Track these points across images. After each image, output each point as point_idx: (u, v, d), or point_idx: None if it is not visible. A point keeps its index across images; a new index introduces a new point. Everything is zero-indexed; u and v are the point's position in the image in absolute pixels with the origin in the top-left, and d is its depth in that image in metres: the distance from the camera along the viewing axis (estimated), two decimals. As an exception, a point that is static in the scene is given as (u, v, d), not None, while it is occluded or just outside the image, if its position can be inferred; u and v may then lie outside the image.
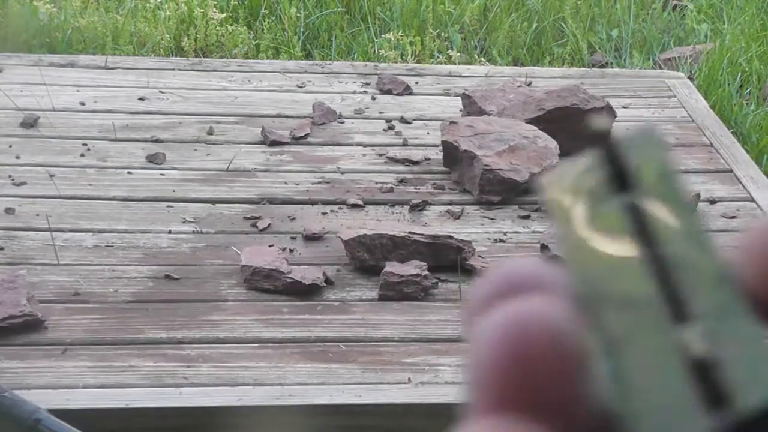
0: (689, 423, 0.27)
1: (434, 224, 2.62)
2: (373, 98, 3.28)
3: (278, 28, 4.49)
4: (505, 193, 2.74)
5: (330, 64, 3.59)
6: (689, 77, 3.81)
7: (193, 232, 2.53)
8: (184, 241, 2.50)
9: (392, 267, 2.34)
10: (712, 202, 2.81)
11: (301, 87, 3.34)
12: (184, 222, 2.57)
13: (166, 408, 1.97)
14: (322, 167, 2.87)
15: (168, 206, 2.64)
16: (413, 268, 2.34)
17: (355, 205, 2.69)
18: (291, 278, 2.32)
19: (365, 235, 2.40)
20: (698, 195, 2.77)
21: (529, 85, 3.37)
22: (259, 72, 3.43)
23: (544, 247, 2.43)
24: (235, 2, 4.62)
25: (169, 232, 2.53)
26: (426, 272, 2.34)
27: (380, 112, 3.19)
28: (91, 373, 2.04)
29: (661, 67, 4.25)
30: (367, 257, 2.40)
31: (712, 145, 3.12)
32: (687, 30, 4.78)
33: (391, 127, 3.11)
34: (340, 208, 2.68)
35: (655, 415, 0.27)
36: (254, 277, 2.33)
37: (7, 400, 1.79)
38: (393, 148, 2.99)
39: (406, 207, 2.70)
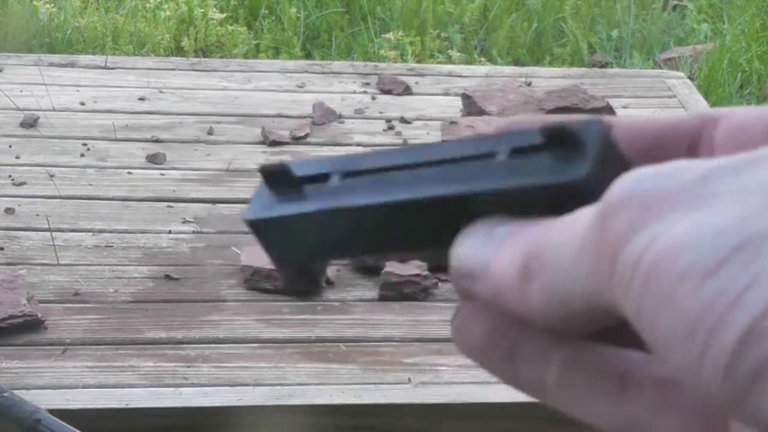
0: None
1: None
2: (373, 98, 3.28)
3: (278, 28, 4.49)
4: (505, 193, 2.73)
5: (330, 64, 3.59)
6: (689, 77, 3.81)
7: (193, 232, 2.53)
8: (184, 241, 2.50)
9: (392, 267, 2.34)
10: (712, 202, 2.80)
11: (301, 87, 3.34)
12: (184, 222, 2.57)
13: (166, 408, 1.97)
14: (322, 167, 2.87)
15: (168, 206, 2.64)
16: (413, 268, 2.34)
17: (355, 205, 2.69)
18: (291, 278, 2.31)
19: (365, 235, 2.40)
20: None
21: (529, 85, 3.37)
22: (259, 72, 3.43)
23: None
24: (235, 2, 4.62)
25: (169, 232, 2.53)
26: (426, 272, 2.34)
27: (380, 112, 3.19)
28: (91, 373, 2.04)
29: (661, 67, 4.25)
30: (367, 257, 2.40)
31: (712, 145, 3.12)
32: (687, 30, 4.78)
33: (391, 127, 3.11)
34: (340, 208, 2.67)
35: None
36: (254, 277, 2.33)
37: (7, 400, 1.79)
38: (393, 147, 2.98)
39: (406, 207, 2.70)
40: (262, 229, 0.41)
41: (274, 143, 2.97)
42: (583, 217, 0.32)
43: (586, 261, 0.31)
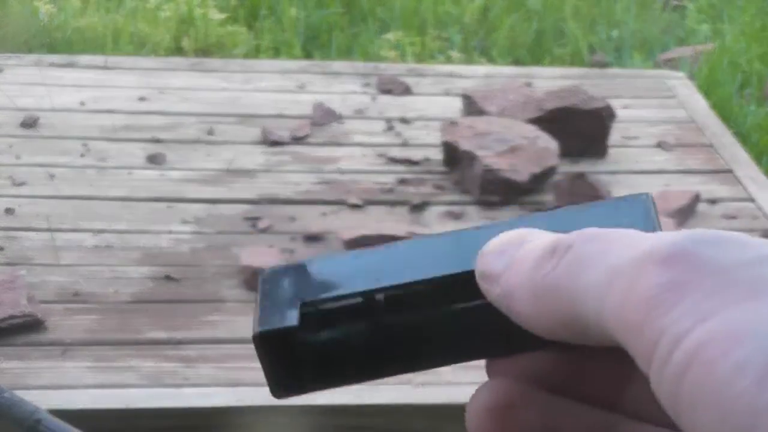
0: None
1: (435, 224, 2.62)
2: (373, 98, 3.28)
3: (278, 29, 4.49)
4: (505, 193, 2.74)
5: (330, 64, 3.59)
6: (689, 77, 3.81)
7: (193, 232, 2.53)
8: (184, 241, 2.50)
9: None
10: (713, 202, 2.80)
11: (301, 87, 3.34)
12: (184, 222, 2.57)
13: (166, 408, 1.97)
14: (322, 167, 2.87)
15: (168, 206, 2.64)
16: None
17: (355, 206, 2.69)
18: (291, 278, 2.31)
19: (365, 235, 2.40)
20: (698, 196, 2.77)
21: (529, 85, 3.37)
22: (259, 72, 3.43)
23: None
24: (235, 2, 4.62)
25: (169, 232, 2.53)
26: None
27: (380, 113, 3.19)
28: (91, 373, 2.04)
29: (661, 68, 4.25)
30: (367, 257, 2.40)
31: (712, 145, 3.12)
32: (687, 30, 4.78)
33: (391, 128, 3.11)
34: (340, 209, 2.68)
35: None
36: (254, 277, 2.33)
37: (7, 400, 1.79)
38: (393, 148, 2.99)
39: (406, 207, 2.70)
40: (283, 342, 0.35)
41: (274, 143, 2.97)
42: (630, 243, 0.30)
43: (613, 290, 0.29)
